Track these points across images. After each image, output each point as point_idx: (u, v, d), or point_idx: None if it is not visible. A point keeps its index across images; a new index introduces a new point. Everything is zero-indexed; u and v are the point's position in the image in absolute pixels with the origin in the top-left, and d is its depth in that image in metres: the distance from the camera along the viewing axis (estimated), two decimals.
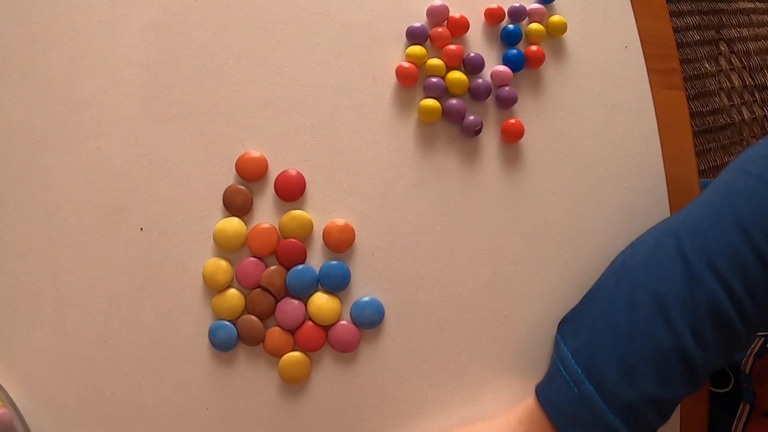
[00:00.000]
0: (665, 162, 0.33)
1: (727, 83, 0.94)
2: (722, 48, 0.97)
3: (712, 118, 0.90)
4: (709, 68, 0.94)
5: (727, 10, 0.98)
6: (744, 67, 0.96)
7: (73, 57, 0.29)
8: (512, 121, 0.31)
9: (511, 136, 0.31)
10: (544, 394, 0.26)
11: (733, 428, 0.33)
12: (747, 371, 0.33)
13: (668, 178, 0.32)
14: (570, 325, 0.27)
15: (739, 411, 0.32)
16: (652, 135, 0.33)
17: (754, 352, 0.33)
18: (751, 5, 0.99)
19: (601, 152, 0.32)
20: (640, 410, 0.24)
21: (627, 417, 0.24)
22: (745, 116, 0.93)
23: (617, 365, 0.24)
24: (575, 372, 0.24)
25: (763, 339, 0.34)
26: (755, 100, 0.93)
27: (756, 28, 0.99)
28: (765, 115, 0.92)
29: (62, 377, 0.28)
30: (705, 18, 0.96)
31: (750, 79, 0.95)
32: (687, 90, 0.90)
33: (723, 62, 0.96)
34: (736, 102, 0.93)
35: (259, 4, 0.30)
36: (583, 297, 0.27)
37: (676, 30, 0.93)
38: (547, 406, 0.25)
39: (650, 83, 0.34)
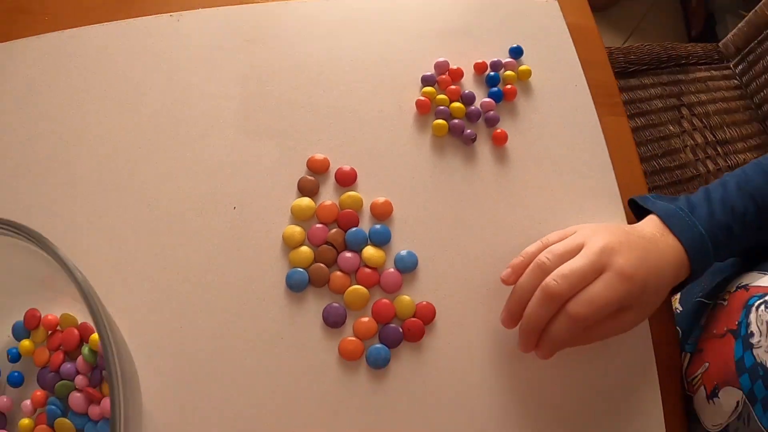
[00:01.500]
0: (614, 167, 0.49)
1: (691, 141, 1.14)
2: (684, 112, 1.18)
3: (679, 172, 1.09)
4: (673, 130, 1.15)
5: (685, 80, 1.21)
6: (705, 127, 1.16)
7: (184, 90, 0.46)
8: (499, 130, 0.47)
9: (500, 141, 0.47)
10: (653, 205, 0.43)
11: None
12: (702, 324, 0.47)
13: (616, 172, 0.48)
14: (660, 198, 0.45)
15: (682, 357, 0.46)
16: (600, 145, 0.49)
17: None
18: (707, 74, 1.22)
19: (562, 157, 0.48)
20: (716, 231, 0.42)
21: (710, 229, 0.42)
22: (710, 168, 1.11)
23: (704, 204, 0.43)
24: (676, 200, 0.43)
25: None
26: (718, 153, 1.12)
27: (713, 93, 1.21)
28: (728, 165, 1.10)
29: (161, 322, 0.40)
30: (666, 88, 1.19)
31: (711, 136, 1.15)
32: (655, 150, 1.09)
33: (686, 124, 1.16)
34: (700, 156, 1.12)
35: (321, 64, 0.48)
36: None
37: (641, 100, 1.15)
38: (660, 211, 0.42)
39: (597, 112, 0.51)
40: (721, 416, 0.41)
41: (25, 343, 0.39)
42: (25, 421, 0.38)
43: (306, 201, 0.43)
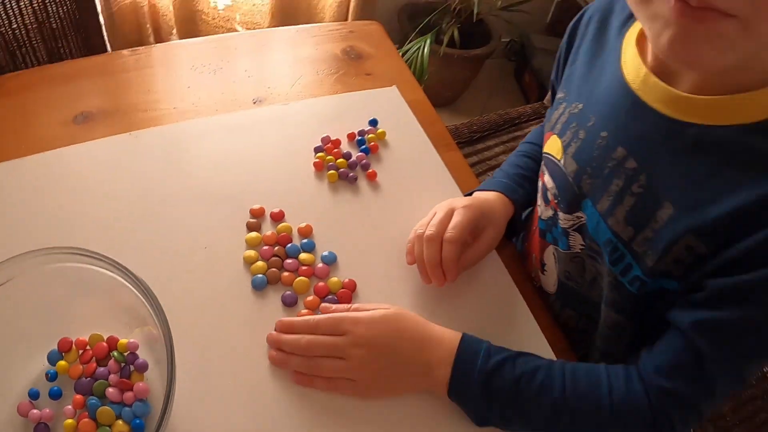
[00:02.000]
0: (456, 181, 0.78)
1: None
2: None
3: None
4: None
5: (522, 135, 1.60)
6: None
7: (158, 181, 0.69)
8: (371, 171, 0.75)
9: (372, 177, 0.75)
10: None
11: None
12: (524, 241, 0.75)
13: (457, 183, 0.77)
14: None
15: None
16: (442, 169, 0.78)
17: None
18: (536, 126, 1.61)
19: (416, 180, 0.76)
20: (514, 177, 0.71)
21: (509, 178, 0.73)
22: None
23: (499, 172, 0.74)
24: None
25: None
26: None
27: None
28: None
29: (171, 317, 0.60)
30: (508, 144, 1.56)
31: None
32: None
33: None
34: None
35: (250, 150, 0.74)
36: None
37: (488, 158, 1.50)
38: (476, 188, 0.73)
39: (437, 150, 0.81)
40: (551, 274, 0.68)
41: (61, 363, 0.55)
42: (69, 421, 0.52)
43: (254, 234, 0.66)
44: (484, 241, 0.66)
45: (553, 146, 0.64)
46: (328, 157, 0.76)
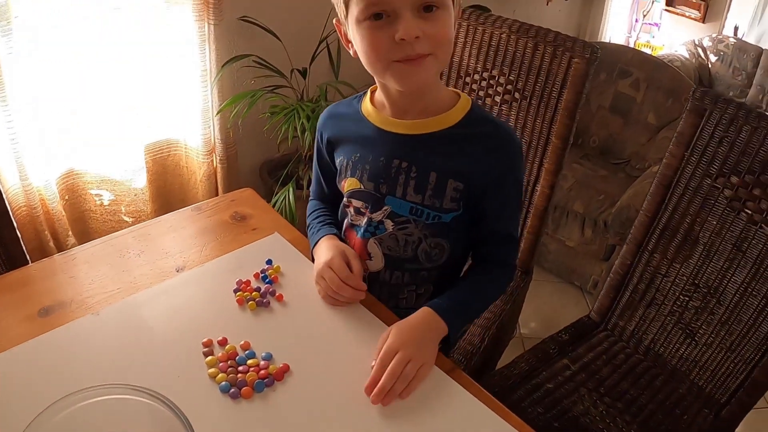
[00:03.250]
0: None
1: None
2: None
3: None
4: None
5: None
6: None
7: (123, 344, 1.00)
8: (277, 294, 1.13)
9: (280, 298, 1.13)
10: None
11: None
12: None
13: None
14: None
15: None
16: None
17: None
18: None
19: (307, 293, 1.15)
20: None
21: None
22: None
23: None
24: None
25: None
26: None
27: None
28: None
29: None
30: None
31: None
32: None
33: None
34: None
35: (186, 308, 1.08)
36: None
37: None
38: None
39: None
40: (377, 256, 1.15)
41: None
42: None
43: (210, 357, 1.00)
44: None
45: (352, 184, 1.11)
46: (245, 294, 1.13)
